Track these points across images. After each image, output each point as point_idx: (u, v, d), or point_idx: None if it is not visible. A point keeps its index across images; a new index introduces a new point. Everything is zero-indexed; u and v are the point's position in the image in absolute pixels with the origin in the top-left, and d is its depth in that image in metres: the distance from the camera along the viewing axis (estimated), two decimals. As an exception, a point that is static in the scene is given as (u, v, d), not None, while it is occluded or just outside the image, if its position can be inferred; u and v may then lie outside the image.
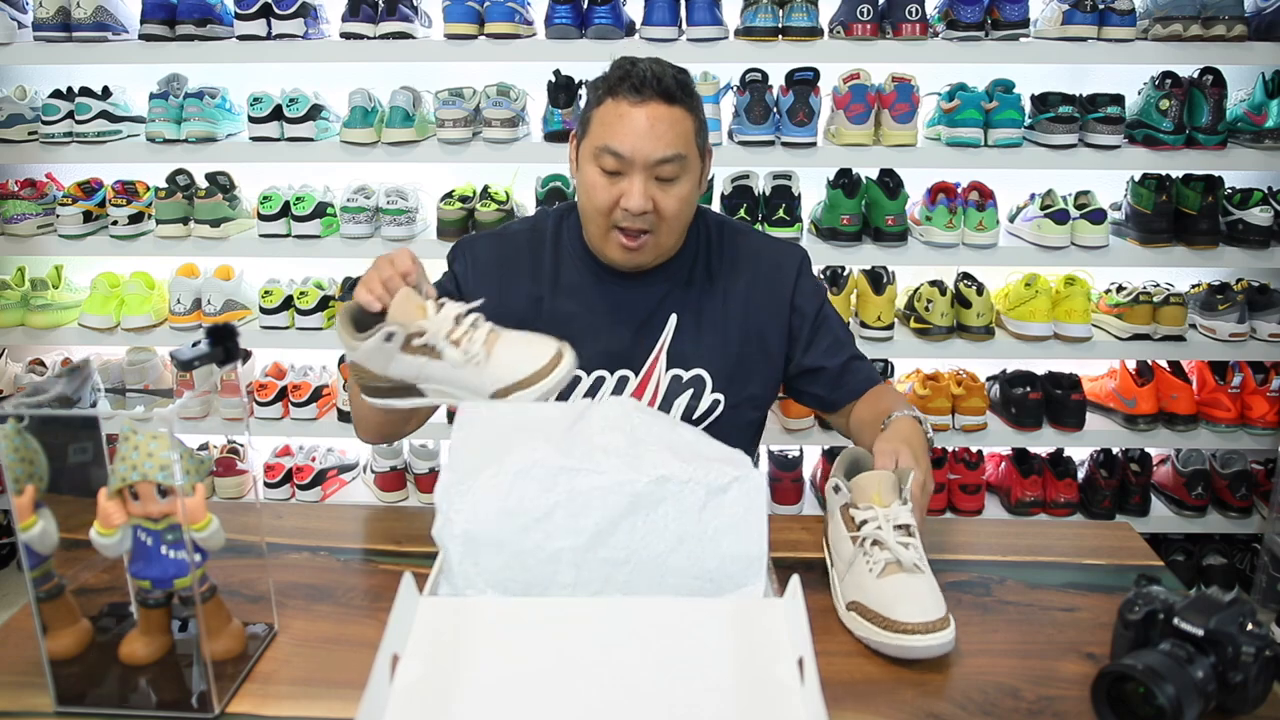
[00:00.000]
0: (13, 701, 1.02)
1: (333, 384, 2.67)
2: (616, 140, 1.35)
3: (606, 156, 1.36)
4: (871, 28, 2.32)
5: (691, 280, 1.50)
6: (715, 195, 2.50)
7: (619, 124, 1.35)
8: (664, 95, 1.35)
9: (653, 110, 1.35)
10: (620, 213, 1.37)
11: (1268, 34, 2.33)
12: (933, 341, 2.47)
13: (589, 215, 1.42)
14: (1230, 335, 2.45)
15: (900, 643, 1.06)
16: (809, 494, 2.68)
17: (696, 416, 1.48)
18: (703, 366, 1.48)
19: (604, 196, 1.37)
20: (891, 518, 1.14)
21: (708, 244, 1.52)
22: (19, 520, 0.97)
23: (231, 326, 1.04)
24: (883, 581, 1.10)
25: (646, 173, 1.36)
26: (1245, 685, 0.94)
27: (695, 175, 1.42)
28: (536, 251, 1.51)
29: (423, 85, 2.49)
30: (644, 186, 1.35)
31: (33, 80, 2.63)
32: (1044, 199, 2.47)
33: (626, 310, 1.48)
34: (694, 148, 1.40)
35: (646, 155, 1.35)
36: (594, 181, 1.38)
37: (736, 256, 1.52)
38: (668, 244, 1.43)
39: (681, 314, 1.48)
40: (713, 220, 1.56)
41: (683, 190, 1.39)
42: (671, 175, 1.37)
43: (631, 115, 1.35)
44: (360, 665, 1.08)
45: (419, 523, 1.44)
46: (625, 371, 1.47)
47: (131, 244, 2.54)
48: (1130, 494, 2.59)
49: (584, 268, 1.50)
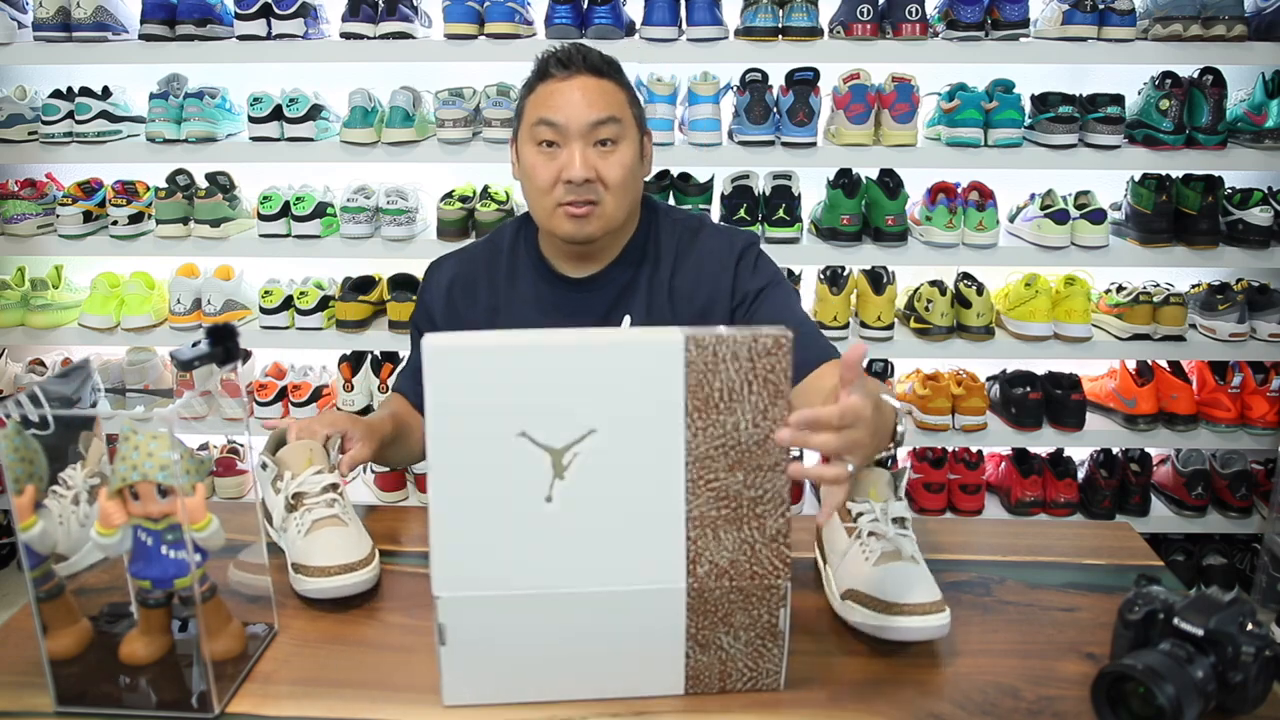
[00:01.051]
0: (13, 701, 1.02)
1: (332, 384, 2.67)
2: (549, 111, 1.37)
3: (542, 128, 1.37)
4: (871, 28, 2.32)
5: (640, 277, 1.50)
6: (715, 195, 2.50)
7: (551, 98, 1.38)
8: (591, 69, 1.39)
9: (582, 81, 1.38)
10: (563, 187, 1.37)
11: (1268, 34, 2.33)
12: (933, 341, 2.47)
13: (534, 199, 1.43)
14: (1230, 335, 2.45)
15: (896, 624, 1.06)
16: (809, 494, 2.68)
17: None
18: None
19: (545, 173, 1.38)
20: (890, 510, 1.14)
21: (657, 237, 1.52)
22: (19, 520, 0.97)
23: (231, 326, 1.04)
24: (879, 568, 1.10)
25: (584, 140, 1.37)
26: (1245, 685, 0.94)
27: (635, 145, 1.42)
28: (492, 266, 1.54)
29: (423, 85, 2.49)
30: (584, 154, 1.36)
31: (33, 80, 2.63)
32: (1044, 199, 2.47)
33: (581, 314, 1.49)
34: (629, 116, 1.42)
35: (581, 120, 1.36)
36: (533, 161, 1.39)
37: (682, 250, 1.51)
38: (616, 215, 1.42)
39: (634, 312, 1.49)
40: (663, 212, 1.55)
41: (624, 157, 1.39)
42: (610, 137, 1.38)
43: (562, 89, 1.38)
44: (360, 665, 1.08)
45: (419, 523, 1.44)
46: None
47: (131, 244, 2.54)
48: (1130, 494, 2.59)
49: (538, 276, 1.51)
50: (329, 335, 2.55)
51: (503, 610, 0.98)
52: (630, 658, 1.01)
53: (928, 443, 2.58)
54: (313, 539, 1.20)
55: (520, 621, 0.98)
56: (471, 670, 1.00)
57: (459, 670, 0.99)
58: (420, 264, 2.59)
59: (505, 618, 0.98)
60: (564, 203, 1.38)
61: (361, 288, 2.56)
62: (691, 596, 0.98)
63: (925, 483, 2.58)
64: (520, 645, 0.99)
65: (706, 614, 0.99)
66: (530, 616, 0.98)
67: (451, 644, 0.98)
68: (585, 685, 1.01)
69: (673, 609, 0.99)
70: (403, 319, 2.49)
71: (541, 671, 1.00)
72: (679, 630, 0.99)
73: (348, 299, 2.52)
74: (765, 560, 1.00)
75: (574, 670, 1.00)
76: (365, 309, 2.55)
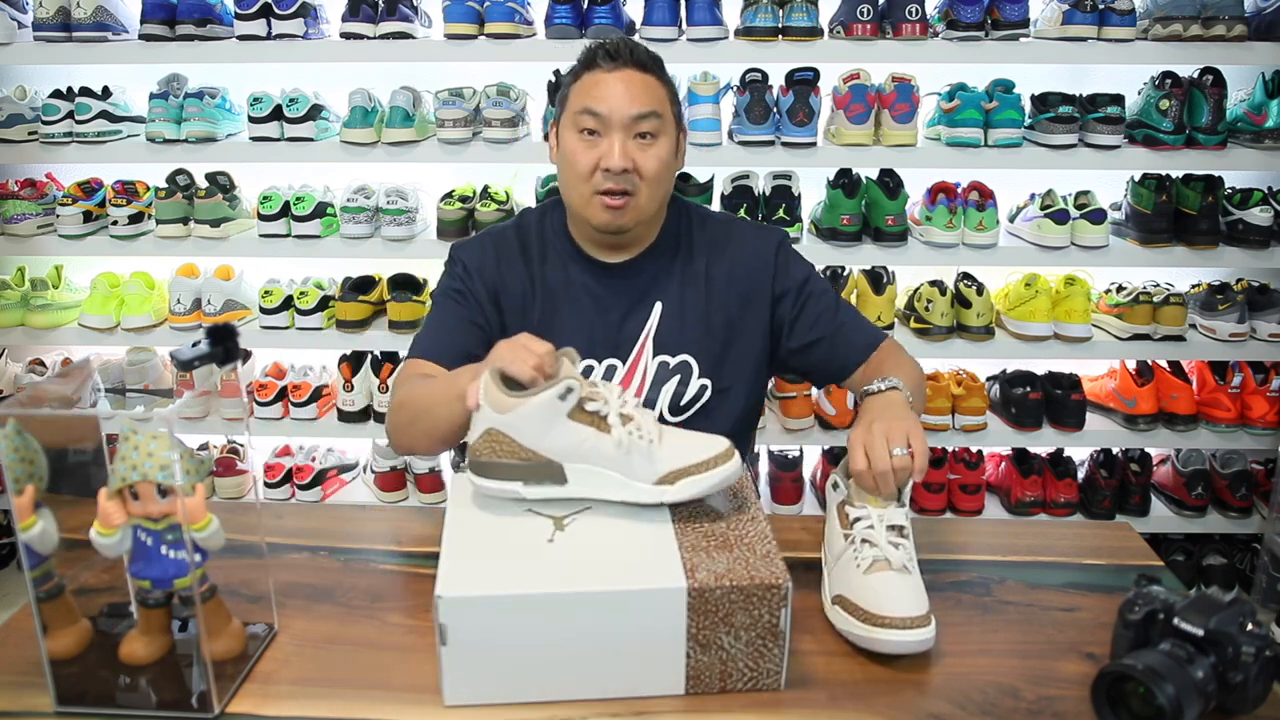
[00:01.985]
0: (13, 701, 1.02)
1: (332, 384, 2.67)
2: (594, 101, 1.39)
3: (585, 117, 1.39)
4: (871, 28, 2.32)
5: (674, 267, 1.52)
6: (715, 195, 2.50)
7: (596, 88, 1.40)
8: (637, 64, 1.41)
9: (627, 75, 1.40)
10: (601, 175, 1.39)
11: (1268, 34, 2.33)
12: (933, 341, 2.47)
13: (571, 185, 1.43)
14: (1230, 335, 2.45)
15: (877, 636, 1.06)
16: (809, 494, 2.68)
17: (684, 403, 1.50)
18: (688, 352, 1.49)
19: (584, 160, 1.40)
20: (886, 518, 1.14)
21: (689, 230, 1.54)
22: (19, 520, 0.97)
23: (231, 326, 1.04)
24: (869, 577, 1.10)
25: (625, 132, 1.39)
26: (1245, 685, 0.94)
27: (672, 140, 1.44)
28: (525, 245, 1.54)
29: (423, 85, 2.49)
30: (623, 145, 1.38)
31: (33, 80, 2.63)
32: (1044, 199, 2.47)
33: (612, 299, 1.50)
34: (669, 112, 1.44)
35: (624, 113, 1.38)
36: (574, 148, 1.41)
37: (717, 242, 1.54)
38: (649, 208, 1.44)
39: (665, 301, 1.50)
40: (694, 209, 1.58)
41: (661, 151, 1.41)
42: (650, 131, 1.40)
43: (607, 80, 1.40)
44: (360, 665, 1.08)
45: (419, 523, 1.45)
46: (613, 360, 1.49)
47: (131, 244, 2.54)
48: (1130, 494, 2.59)
49: (569, 260, 1.52)
50: (329, 335, 2.55)
51: (504, 611, 0.98)
52: (631, 658, 1.01)
53: (928, 443, 2.57)
54: (664, 437, 1.11)
55: (521, 622, 0.98)
56: (472, 670, 1.00)
57: (460, 671, 1.00)
58: (420, 264, 2.62)
59: (506, 618, 0.98)
60: (601, 191, 1.40)
61: (361, 288, 2.56)
62: (692, 597, 0.99)
63: (925, 483, 2.58)
64: (521, 645, 0.99)
65: (707, 614, 0.99)
66: (531, 617, 0.98)
67: (452, 644, 0.98)
68: (586, 685, 1.01)
69: (673, 609, 0.99)
70: (403, 319, 2.49)
71: (542, 672, 1.01)
72: (680, 630, 1.00)
73: (348, 299, 2.52)
74: (762, 565, 1.01)
75: (574, 670, 1.01)
76: (365, 309, 2.55)
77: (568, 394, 1.06)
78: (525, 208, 1.60)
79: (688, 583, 0.98)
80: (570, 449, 1.09)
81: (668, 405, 1.49)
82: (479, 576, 1.00)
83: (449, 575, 1.00)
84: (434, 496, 2.68)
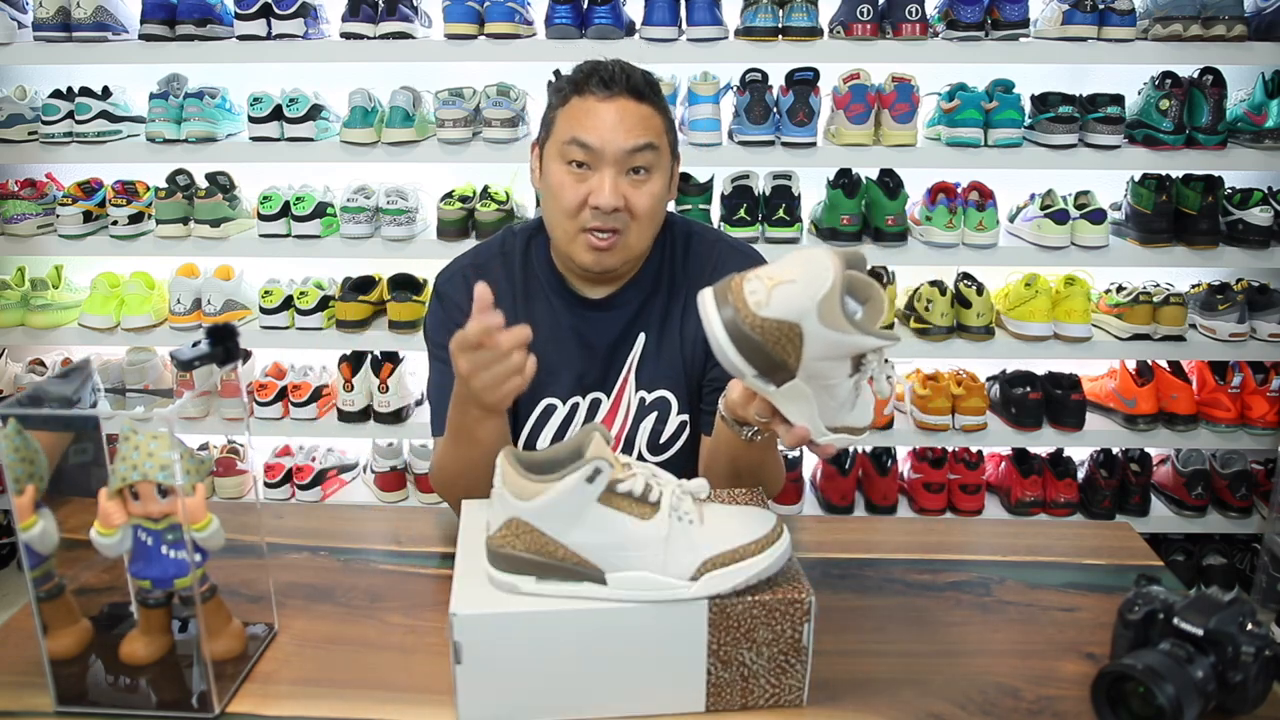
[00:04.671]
0: (13, 701, 1.02)
1: (332, 384, 2.67)
2: (585, 132, 1.29)
3: (574, 148, 1.30)
4: (871, 28, 2.32)
5: (656, 299, 1.44)
6: (715, 195, 2.50)
7: (587, 118, 1.30)
8: (633, 92, 1.31)
9: (622, 105, 1.30)
10: (589, 212, 1.30)
11: (1268, 34, 2.33)
12: (933, 341, 2.47)
13: (556, 219, 1.35)
14: (1230, 335, 2.45)
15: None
16: (809, 494, 2.68)
17: (664, 440, 1.43)
18: (667, 388, 1.42)
19: (571, 195, 1.30)
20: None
21: (673, 259, 1.45)
22: (19, 520, 0.97)
23: (231, 326, 1.04)
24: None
25: (617, 167, 1.30)
26: (1245, 685, 0.94)
27: (667, 174, 1.36)
28: (510, 276, 1.44)
29: (423, 85, 2.49)
30: (615, 182, 1.29)
31: (33, 80, 2.63)
32: (1044, 199, 2.47)
33: (597, 334, 1.42)
34: (665, 143, 1.35)
35: (618, 147, 1.29)
36: (561, 181, 1.31)
37: (697, 272, 1.44)
38: (638, 247, 1.36)
39: (647, 333, 1.43)
40: (679, 230, 1.48)
41: (655, 187, 1.33)
42: (644, 165, 1.31)
43: (600, 109, 1.30)
44: (360, 665, 1.08)
45: (419, 523, 1.45)
46: (598, 394, 1.43)
47: (131, 244, 2.54)
48: (1130, 494, 2.59)
49: (553, 294, 1.43)
50: (329, 335, 2.55)
51: (520, 628, 0.95)
52: (650, 675, 0.98)
53: (928, 443, 2.58)
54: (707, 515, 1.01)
55: (538, 639, 0.96)
56: (488, 690, 0.96)
57: (476, 690, 0.96)
58: (420, 264, 2.62)
59: (523, 635, 0.96)
60: (588, 229, 1.31)
61: (361, 288, 2.56)
62: (713, 612, 0.96)
63: (925, 483, 2.58)
64: (538, 663, 0.96)
65: (729, 630, 0.97)
66: (548, 634, 0.96)
67: (468, 663, 0.95)
68: (604, 703, 0.99)
69: (694, 624, 0.97)
70: (402, 319, 2.49)
71: (560, 690, 0.98)
72: (700, 646, 0.97)
73: (348, 299, 2.52)
74: (784, 578, 0.99)
75: (592, 688, 0.98)
76: (365, 309, 2.55)
77: (596, 476, 0.94)
78: (509, 226, 1.51)
79: (708, 597, 0.96)
80: (601, 543, 0.96)
81: (645, 443, 1.42)
82: (494, 593, 0.97)
83: (464, 592, 0.97)
84: (434, 496, 2.68)
